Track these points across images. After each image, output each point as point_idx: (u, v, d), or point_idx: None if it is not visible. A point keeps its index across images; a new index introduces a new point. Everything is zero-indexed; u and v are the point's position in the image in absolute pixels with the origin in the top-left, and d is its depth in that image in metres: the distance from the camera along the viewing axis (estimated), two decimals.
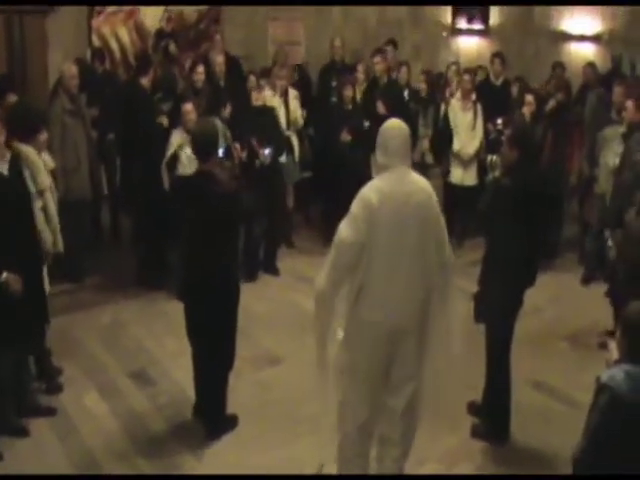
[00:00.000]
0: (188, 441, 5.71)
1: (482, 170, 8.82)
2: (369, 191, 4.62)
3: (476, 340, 5.72)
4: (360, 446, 4.86)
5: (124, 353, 7.00)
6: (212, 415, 5.78)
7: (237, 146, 8.15)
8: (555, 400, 6.24)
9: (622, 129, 7.80)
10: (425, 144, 9.99)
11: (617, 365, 3.84)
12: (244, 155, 8.33)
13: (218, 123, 8.09)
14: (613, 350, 4.04)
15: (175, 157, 7.50)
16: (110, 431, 5.86)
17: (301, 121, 9.83)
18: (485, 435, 5.70)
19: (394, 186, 4.61)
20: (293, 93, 9.87)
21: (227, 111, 8.42)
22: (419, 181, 4.78)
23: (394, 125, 4.81)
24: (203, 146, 5.51)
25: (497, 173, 5.80)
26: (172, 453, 5.60)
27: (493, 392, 5.71)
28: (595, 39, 11.10)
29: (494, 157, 6.00)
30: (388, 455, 4.88)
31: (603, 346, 6.79)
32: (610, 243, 6.37)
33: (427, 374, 4.85)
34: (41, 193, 5.86)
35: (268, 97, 9.02)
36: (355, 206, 4.61)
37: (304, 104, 9.97)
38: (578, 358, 6.91)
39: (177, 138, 7.58)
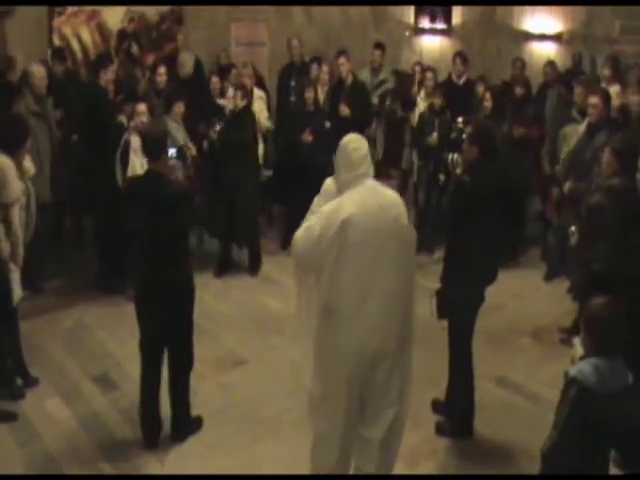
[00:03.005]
0: (153, 445, 5.67)
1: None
2: (338, 209, 4.41)
3: (438, 337, 5.76)
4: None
5: (87, 357, 6.93)
6: (176, 418, 5.74)
7: (190, 146, 8.10)
8: (518, 395, 6.28)
9: (583, 127, 7.84)
10: None
11: (584, 360, 3.87)
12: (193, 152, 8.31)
13: (172, 123, 8.18)
14: (577, 346, 4.09)
15: (126, 152, 7.46)
16: (73, 436, 5.81)
17: (267, 123, 9.85)
18: (449, 432, 5.73)
19: (366, 203, 4.44)
20: (258, 93, 9.88)
21: (180, 108, 8.36)
22: (390, 195, 4.65)
23: (354, 139, 4.67)
24: (152, 146, 5.47)
25: (458, 171, 5.82)
26: (136, 457, 5.57)
27: (456, 389, 5.73)
28: (556, 38, 11.17)
29: (455, 155, 6.02)
30: None
31: (565, 342, 6.89)
32: (572, 229, 6.42)
33: (407, 400, 4.74)
34: (5, 206, 5.82)
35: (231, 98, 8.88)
36: (321, 224, 4.42)
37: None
38: (540, 354, 6.97)
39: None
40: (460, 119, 7.32)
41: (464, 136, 6.09)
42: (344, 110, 9.58)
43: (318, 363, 4.57)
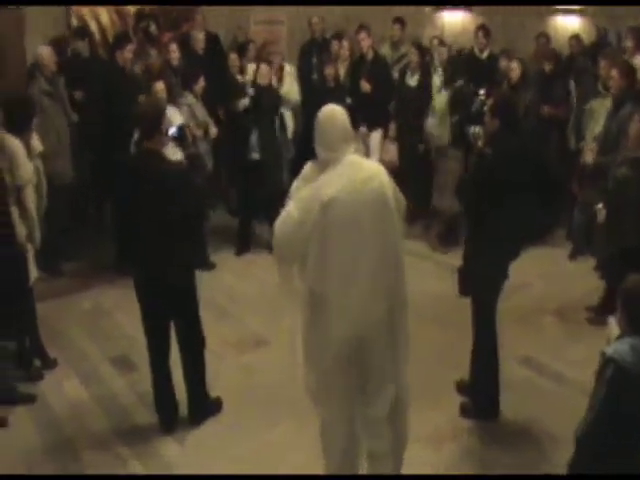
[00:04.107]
0: (172, 428, 5.60)
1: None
2: (316, 193, 4.16)
3: (460, 316, 5.66)
4: (348, 471, 4.56)
5: (105, 339, 6.87)
6: (192, 400, 5.66)
7: (192, 125, 7.94)
8: (544, 376, 6.15)
9: (609, 101, 7.67)
10: None
11: (620, 339, 3.75)
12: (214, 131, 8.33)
13: (190, 98, 8.15)
14: (613, 325, 3.97)
15: None
16: (91, 418, 5.76)
17: (296, 97, 9.70)
18: (474, 413, 5.61)
19: (346, 181, 4.16)
20: (288, 69, 9.81)
21: (200, 86, 8.31)
22: (371, 166, 4.40)
23: (329, 113, 4.35)
24: (146, 124, 5.34)
25: (480, 144, 5.67)
26: (154, 440, 5.50)
27: (480, 369, 5.59)
28: (580, 12, 10.98)
29: (477, 128, 5.87)
30: (378, 472, 4.55)
31: (591, 321, 6.78)
32: (599, 206, 6.28)
33: (405, 377, 4.51)
34: (19, 188, 5.77)
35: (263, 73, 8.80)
36: (298, 208, 4.20)
37: None
38: (566, 333, 6.84)
39: None
40: (482, 91, 7.17)
41: (485, 108, 5.93)
42: (365, 86, 9.43)
43: (308, 352, 4.38)
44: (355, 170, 4.24)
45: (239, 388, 6.04)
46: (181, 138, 6.26)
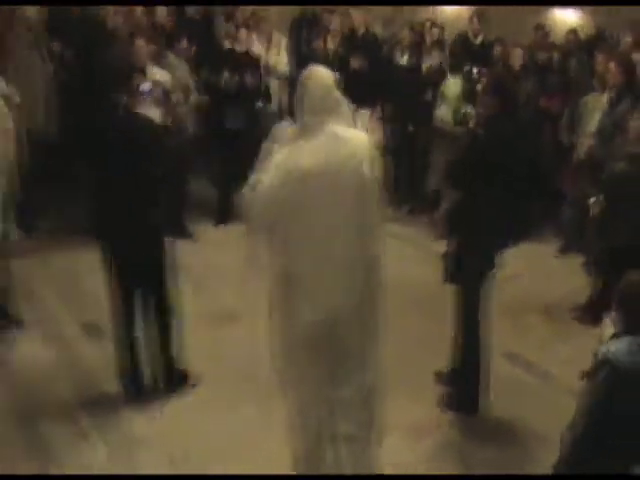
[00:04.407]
0: (138, 399, 5.36)
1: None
2: (291, 161, 3.85)
3: (441, 304, 5.49)
4: (318, 458, 4.29)
5: (77, 303, 6.60)
6: (160, 370, 5.46)
7: (170, 86, 7.66)
8: (528, 372, 5.95)
9: (605, 97, 7.54)
10: None
11: (616, 339, 3.56)
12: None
13: (172, 59, 7.97)
14: (607, 325, 3.80)
15: None
16: (55, 383, 5.53)
17: (284, 68, 9.48)
18: (454, 406, 5.40)
19: (325, 154, 3.85)
20: (277, 38, 9.59)
21: (183, 47, 8.17)
22: (354, 140, 3.99)
23: (314, 73, 4.02)
24: (115, 76, 5.18)
25: (471, 124, 5.45)
26: (118, 410, 5.27)
27: (463, 360, 5.38)
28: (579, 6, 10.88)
29: (469, 108, 5.66)
30: (345, 452, 4.27)
31: (579, 320, 6.62)
32: (592, 200, 6.12)
33: (379, 364, 4.24)
34: None
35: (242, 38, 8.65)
36: (272, 177, 3.86)
37: None
38: (552, 331, 6.63)
39: None
40: (475, 70, 6.98)
41: (478, 87, 5.72)
42: (355, 62, 9.19)
43: (275, 333, 4.13)
44: (338, 143, 3.91)
45: (211, 362, 5.77)
46: (154, 95, 5.97)
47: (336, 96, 4.03)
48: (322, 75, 4.03)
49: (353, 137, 4.01)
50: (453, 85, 8.80)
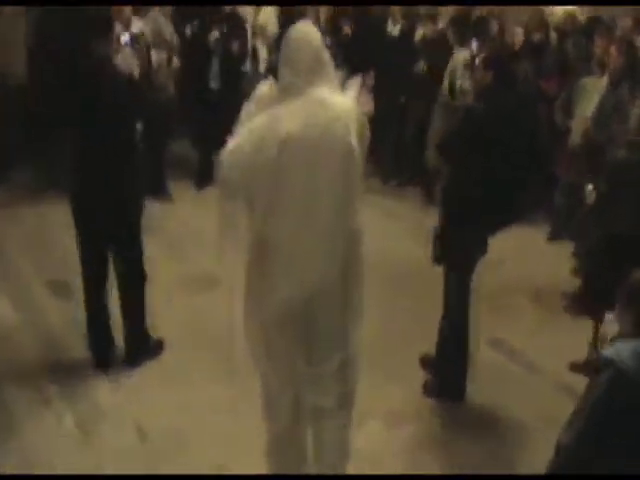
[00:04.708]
0: (106, 367, 5.11)
1: None
2: (273, 125, 3.53)
3: (429, 285, 5.26)
4: (292, 444, 4.03)
5: (45, 260, 6.32)
6: (131, 337, 5.19)
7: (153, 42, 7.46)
8: (514, 362, 5.69)
9: (604, 80, 7.31)
10: None
11: (620, 339, 3.32)
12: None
13: (156, 13, 7.77)
14: (610, 323, 3.54)
15: None
16: (17, 345, 5.27)
17: (273, 29, 9.20)
18: (438, 392, 5.16)
19: (309, 119, 3.54)
20: None
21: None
22: (337, 105, 3.67)
23: (302, 29, 3.71)
24: (92, 24, 4.82)
25: (467, 99, 5.22)
26: (85, 378, 5.00)
27: (448, 345, 5.13)
28: None
29: (465, 81, 5.43)
30: (325, 428, 4.01)
31: (567, 310, 6.40)
32: (590, 187, 5.89)
33: (356, 344, 3.96)
34: None
35: None
36: (250, 140, 3.56)
37: None
38: (540, 319, 6.37)
39: None
40: (474, 44, 6.72)
41: (476, 61, 5.48)
42: (346, 28, 9.00)
43: (248, 305, 3.83)
44: (322, 107, 3.61)
45: (185, 330, 5.53)
46: (135, 48, 5.67)
47: (324, 57, 3.71)
48: (310, 32, 3.71)
49: (338, 101, 3.71)
50: (462, 58, 8.53)
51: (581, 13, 10.08)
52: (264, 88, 3.78)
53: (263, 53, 9.02)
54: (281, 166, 3.53)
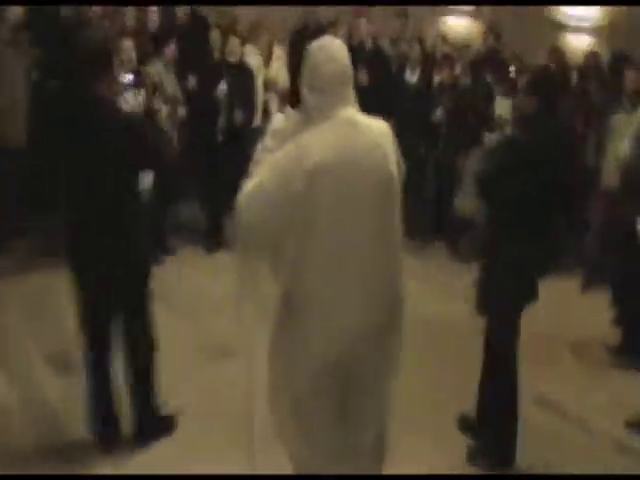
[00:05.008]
0: (110, 448, 4.61)
1: None
2: (299, 155, 3.08)
3: (462, 341, 5.00)
4: None
5: (45, 331, 5.89)
6: (139, 415, 4.69)
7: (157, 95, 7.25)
8: (564, 421, 5.22)
9: (637, 116, 6.90)
10: None
11: None
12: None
13: (159, 66, 7.53)
14: None
15: None
16: (14, 426, 4.81)
17: (284, 83, 8.92)
18: (484, 458, 4.61)
19: (340, 143, 3.12)
20: (278, 52, 9.07)
21: (171, 51, 7.72)
22: (374, 127, 3.29)
23: (327, 43, 3.30)
24: (91, 59, 4.35)
25: (506, 130, 4.84)
26: (87, 461, 4.51)
27: (495, 405, 4.63)
28: (592, 30, 10.70)
29: (502, 114, 5.11)
30: None
31: (612, 364, 6.02)
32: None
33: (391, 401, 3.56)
34: None
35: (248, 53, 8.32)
36: (272, 177, 3.12)
37: None
38: (586, 374, 5.92)
39: None
40: (512, 68, 6.39)
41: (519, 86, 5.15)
42: (363, 78, 8.53)
43: (277, 373, 3.42)
44: (356, 130, 3.19)
45: (199, 405, 5.05)
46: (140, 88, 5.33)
47: (351, 75, 3.31)
48: (340, 47, 3.30)
49: (374, 124, 3.29)
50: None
51: (601, 47, 9.84)
52: (280, 117, 3.39)
53: (274, 107, 8.72)
54: (309, 205, 3.06)
